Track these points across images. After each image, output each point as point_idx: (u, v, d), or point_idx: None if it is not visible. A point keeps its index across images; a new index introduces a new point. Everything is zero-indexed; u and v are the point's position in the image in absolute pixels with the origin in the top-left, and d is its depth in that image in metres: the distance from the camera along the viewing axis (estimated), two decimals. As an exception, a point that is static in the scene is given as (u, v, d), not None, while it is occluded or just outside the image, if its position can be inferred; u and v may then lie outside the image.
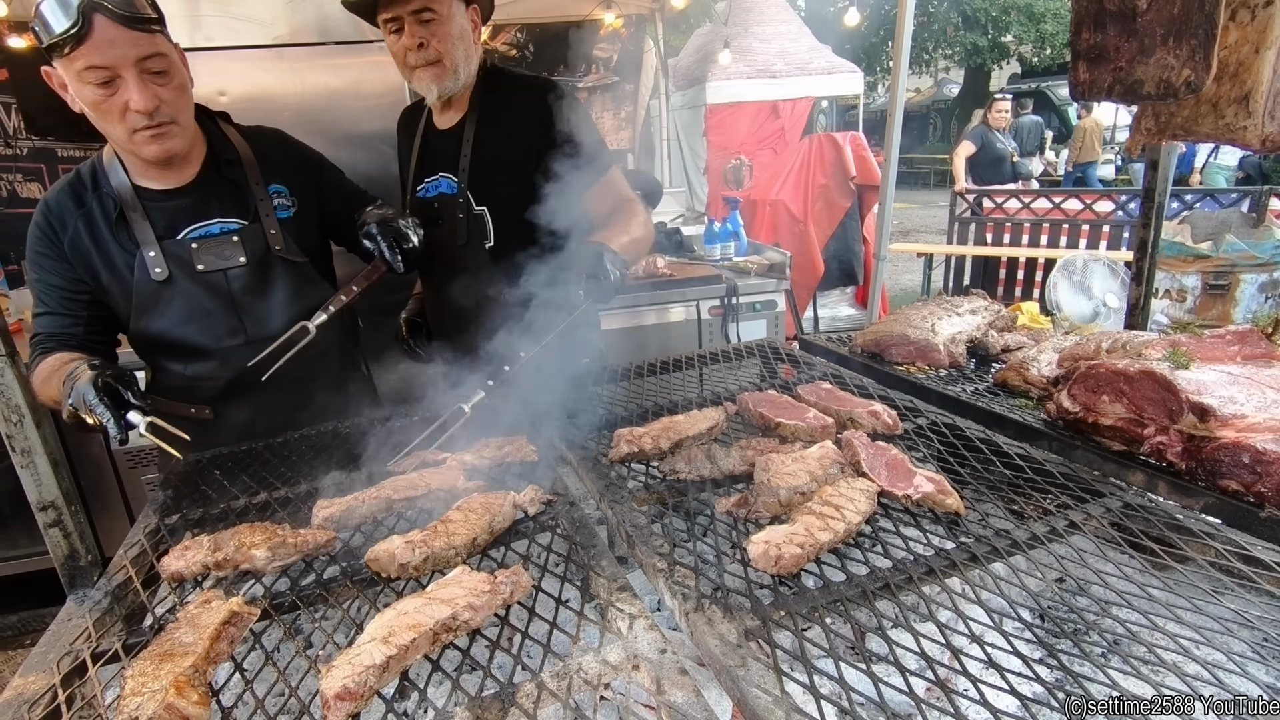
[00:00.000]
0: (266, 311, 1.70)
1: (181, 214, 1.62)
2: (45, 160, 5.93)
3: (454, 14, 1.80)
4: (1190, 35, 1.26)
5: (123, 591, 1.12)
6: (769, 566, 0.96)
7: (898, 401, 1.56)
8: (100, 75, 1.38)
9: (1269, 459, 1.06)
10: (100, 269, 1.59)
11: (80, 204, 1.58)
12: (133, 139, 1.46)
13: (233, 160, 1.68)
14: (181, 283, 1.61)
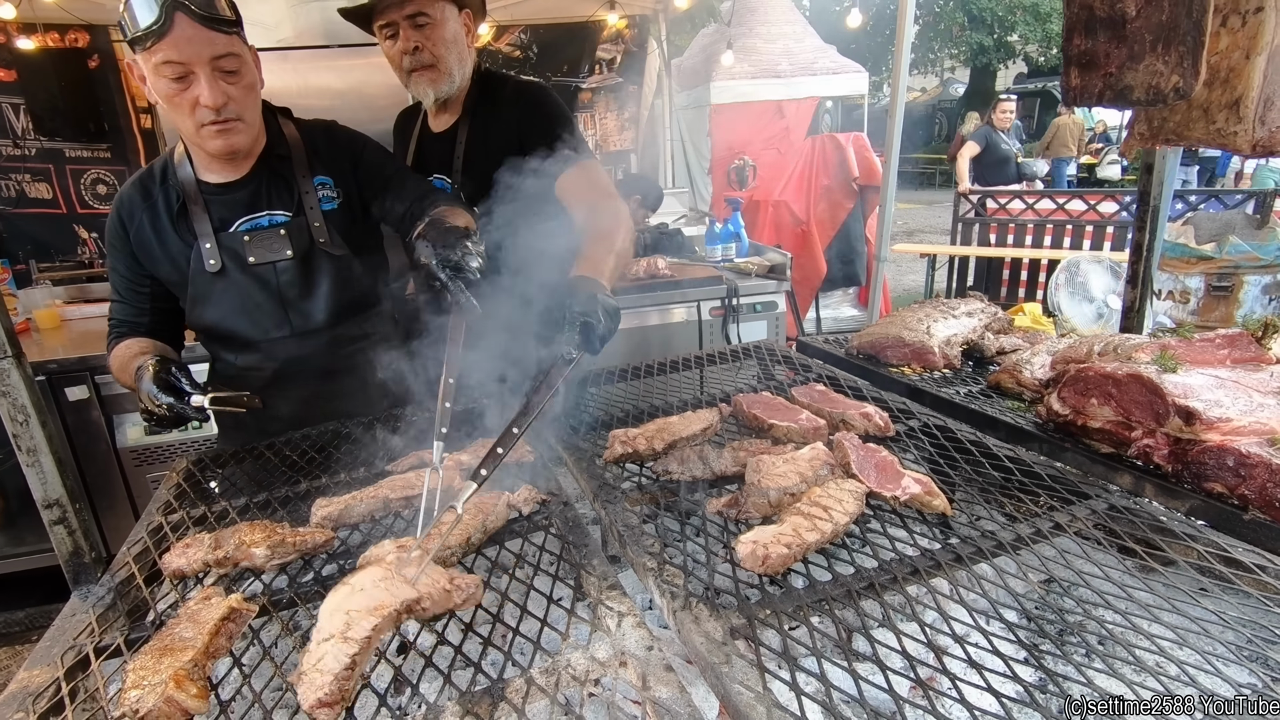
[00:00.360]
0: (311, 305, 1.76)
1: (236, 206, 1.69)
2: (53, 160, 6.00)
3: (447, 18, 1.85)
4: (1179, 42, 1.27)
5: (126, 588, 1.15)
6: (756, 566, 0.98)
7: (891, 403, 1.58)
8: (176, 70, 1.44)
9: (1253, 462, 1.07)
10: (161, 259, 1.68)
11: (147, 197, 1.68)
12: (199, 132, 1.53)
13: (283, 154, 1.74)
14: (234, 275, 1.69)
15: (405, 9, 1.78)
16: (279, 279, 1.71)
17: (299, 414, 1.81)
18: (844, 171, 6.21)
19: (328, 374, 1.80)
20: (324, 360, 1.80)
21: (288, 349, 1.76)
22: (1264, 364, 1.35)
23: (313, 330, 1.76)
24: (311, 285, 1.75)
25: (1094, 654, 0.83)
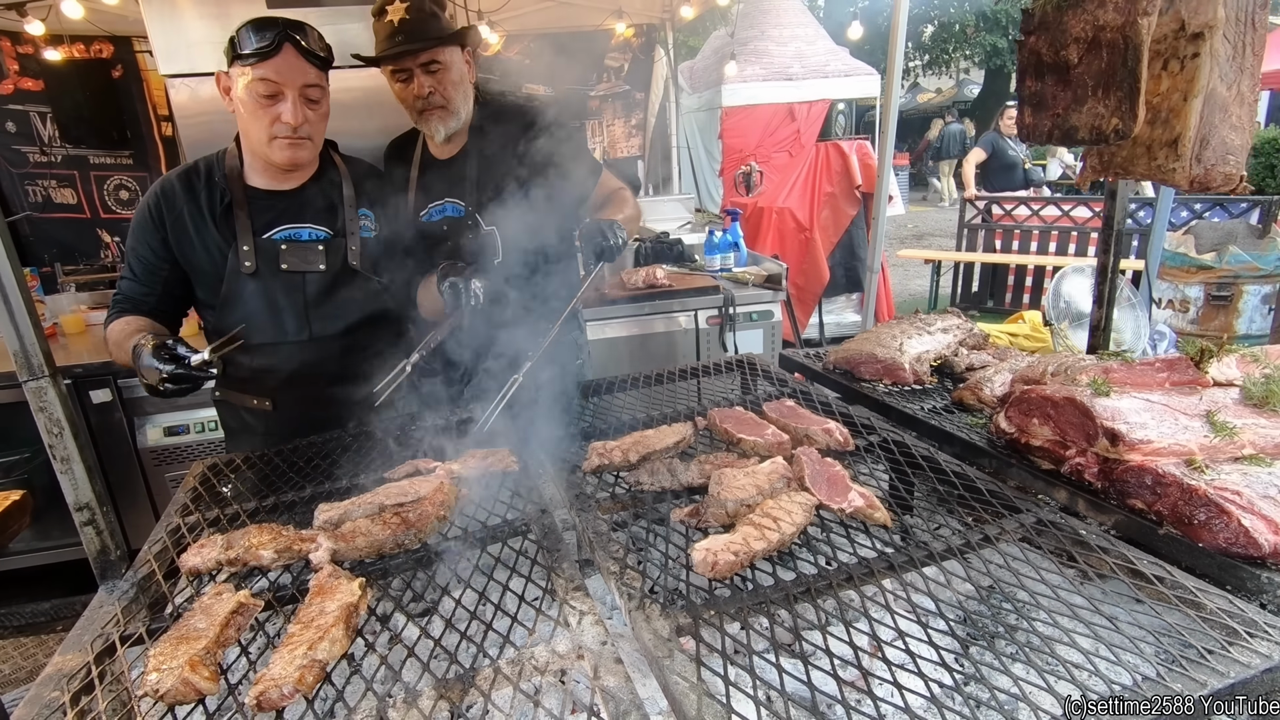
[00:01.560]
0: (333, 315, 1.91)
1: (280, 214, 1.85)
2: (78, 167, 6.21)
3: (455, 61, 1.99)
4: (1117, 88, 1.37)
5: (147, 583, 1.28)
6: (707, 571, 1.09)
7: (859, 418, 1.68)
8: (269, 88, 1.67)
9: (1167, 481, 1.17)
10: (197, 251, 1.81)
11: (190, 190, 1.82)
12: (271, 144, 1.73)
13: (336, 181, 1.93)
14: (265, 278, 1.83)
15: (419, 58, 1.93)
16: (306, 288, 1.87)
17: (303, 418, 1.93)
18: (847, 179, 6.29)
19: (337, 379, 1.92)
20: (335, 366, 1.93)
21: (304, 353, 1.89)
22: (1201, 387, 1.44)
23: (329, 337, 1.91)
24: (337, 298, 1.91)
25: (995, 649, 0.93)
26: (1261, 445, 1.25)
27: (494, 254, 2.09)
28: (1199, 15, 1.40)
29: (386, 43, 1.96)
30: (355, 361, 1.93)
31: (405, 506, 1.35)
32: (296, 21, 1.72)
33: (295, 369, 1.90)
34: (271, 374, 1.90)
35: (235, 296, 1.82)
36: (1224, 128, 1.43)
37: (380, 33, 1.99)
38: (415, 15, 1.93)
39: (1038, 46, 1.47)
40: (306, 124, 1.74)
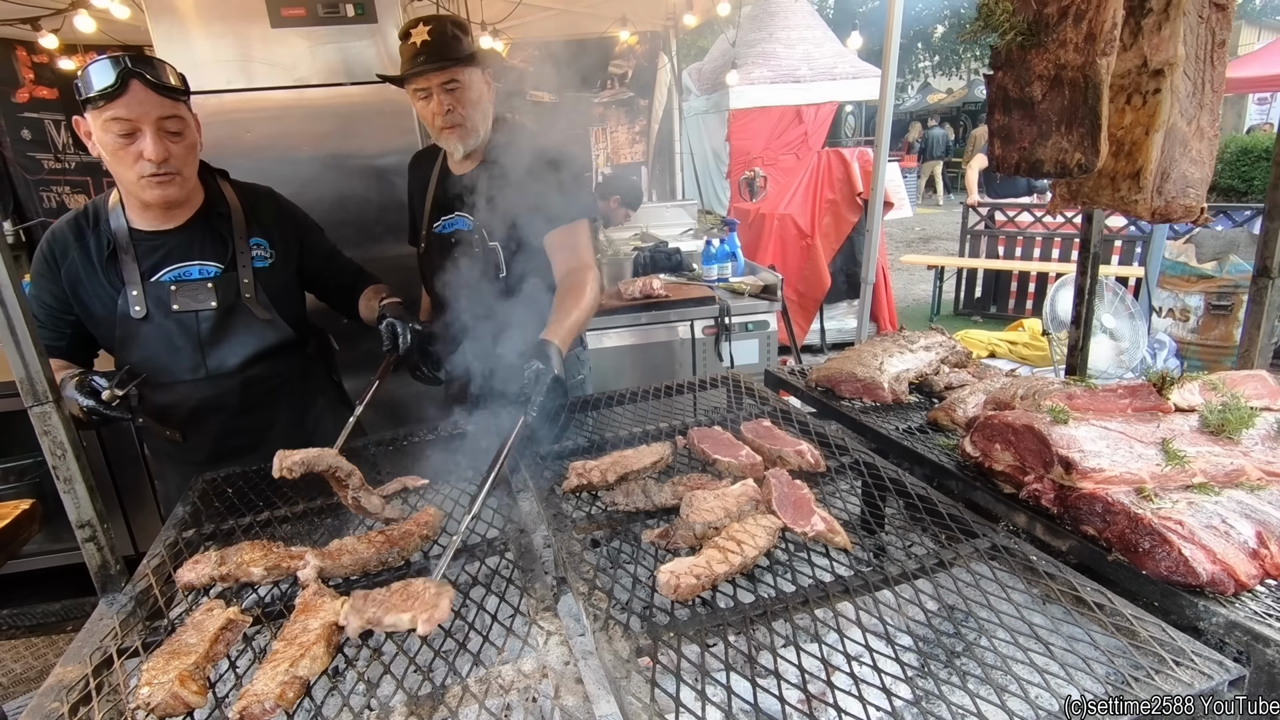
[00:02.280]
0: (228, 351, 1.92)
1: (167, 254, 1.84)
2: (91, 174, 6.34)
3: (474, 81, 2.08)
4: (1079, 124, 1.41)
5: (145, 596, 1.35)
6: (670, 594, 1.14)
7: (834, 438, 1.73)
8: (124, 126, 1.65)
9: (1115, 509, 1.21)
10: (89, 299, 1.82)
11: (80, 238, 1.81)
12: (139, 182, 1.71)
13: (223, 213, 1.92)
14: (157, 320, 1.83)
15: (440, 77, 2.02)
16: (200, 326, 1.86)
17: (216, 448, 1.98)
18: (849, 187, 6.32)
19: (239, 412, 1.97)
20: (235, 399, 1.96)
21: (202, 390, 1.90)
22: (1163, 413, 1.48)
23: (226, 374, 1.92)
24: (231, 334, 1.91)
25: (946, 665, 0.98)
26: (1212, 474, 1.29)
27: (498, 270, 2.19)
28: (1160, 53, 1.44)
29: (409, 63, 2.06)
30: (256, 394, 1.96)
31: (390, 525, 1.41)
32: (142, 57, 1.71)
33: (196, 405, 1.92)
34: (175, 409, 1.92)
35: (129, 340, 1.84)
36: (1184, 161, 1.47)
37: (405, 54, 2.08)
38: (437, 38, 2.02)
39: (1004, 82, 1.51)
40: (172, 159, 1.71)
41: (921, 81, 33.72)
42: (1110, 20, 1.32)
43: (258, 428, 2.01)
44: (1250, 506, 1.22)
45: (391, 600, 1.21)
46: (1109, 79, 1.37)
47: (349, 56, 3.09)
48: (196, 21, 2.93)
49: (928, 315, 8.22)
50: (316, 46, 3.05)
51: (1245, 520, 1.18)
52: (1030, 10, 1.41)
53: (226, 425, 1.97)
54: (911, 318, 8.18)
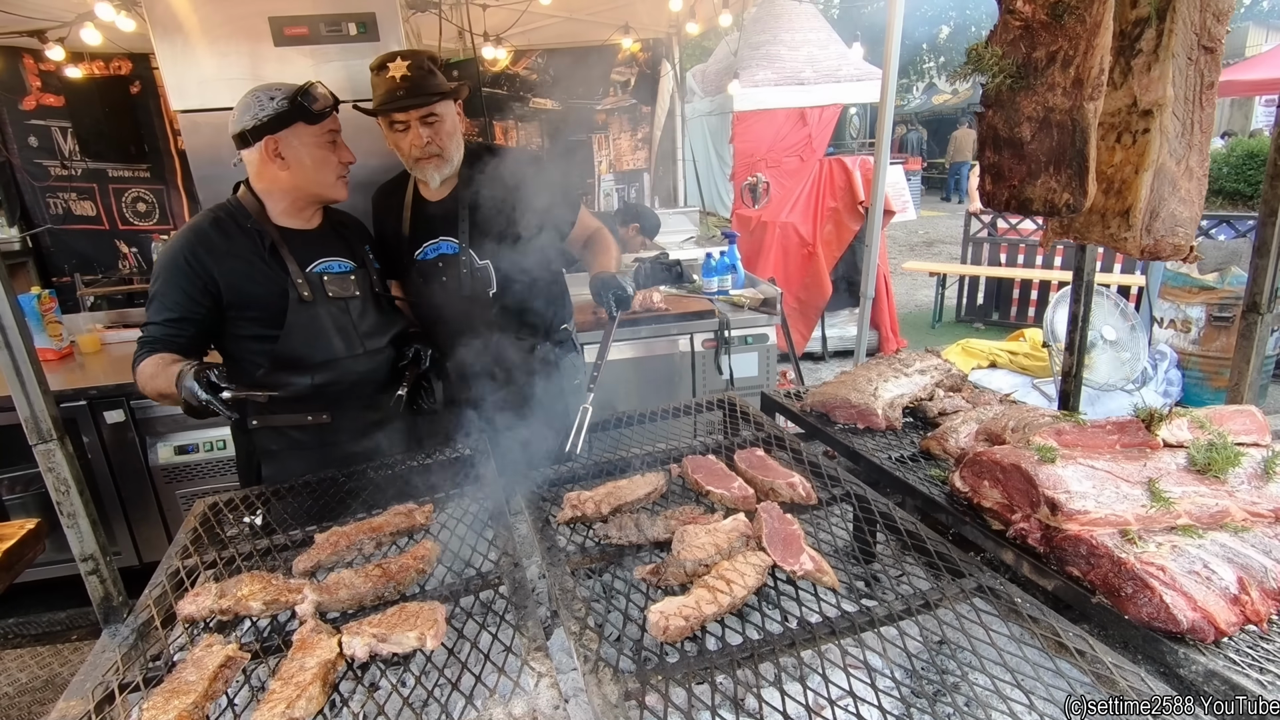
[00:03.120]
0: (374, 332, 2.16)
1: (311, 249, 2.09)
2: (97, 180, 6.39)
3: (449, 114, 2.14)
4: (1067, 166, 1.43)
5: (146, 629, 1.37)
6: (660, 635, 1.17)
7: (827, 468, 1.75)
8: (334, 136, 2.03)
9: (1100, 553, 1.23)
10: (254, 287, 1.99)
11: (227, 235, 1.99)
12: (335, 183, 2.05)
13: (335, 221, 2.20)
14: (320, 304, 2.05)
15: (419, 112, 2.08)
16: (351, 312, 2.11)
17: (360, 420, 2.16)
18: (850, 195, 6.33)
19: (383, 387, 2.17)
20: (382, 374, 2.18)
21: (357, 366, 2.11)
22: (1151, 449, 1.50)
23: (374, 351, 2.14)
24: (373, 318, 2.16)
25: (933, 701, 1.00)
26: (1197, 515, 1.31)
27: (488, 287, 2.25)
28: (1149, 93, 1.46)
29: (387, 96, 2.08)
30: (395, 369, 2.20)
31: (387, 559, 1.44)
32: None
33: (354, 381, 2.11)
34: (332, 387, 2.08)
35: (297, 323, 2.02)
36: (1173, 201, 1.49)
37: (380, 86, 2.11)
38: (415, 73, 2.07)
39: (994, 121, 1.53)
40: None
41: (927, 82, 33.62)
42: (1098, 66, 1.33)
43: (388, 405, 2.15)
44: (1233, 550, 1.23)
45: (390, 621, 1.24)
46: (1096, 123, 1.39)
47: (352, 74, 3.11)
48: (201, 40, 2.96)
49: (930, 322, 8.22)
50: (320, 64, 3.07)
51: (1227, 565, 1.19)
52: (1019, 53, 1.43)
53: (370, 400, 2.15)
54: (914, 324, 8.18)
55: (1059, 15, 1.34)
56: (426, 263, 2.29)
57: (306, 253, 2.06)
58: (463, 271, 2.23)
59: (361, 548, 1.54)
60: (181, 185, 6.44)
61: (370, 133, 3.26)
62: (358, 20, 3.05)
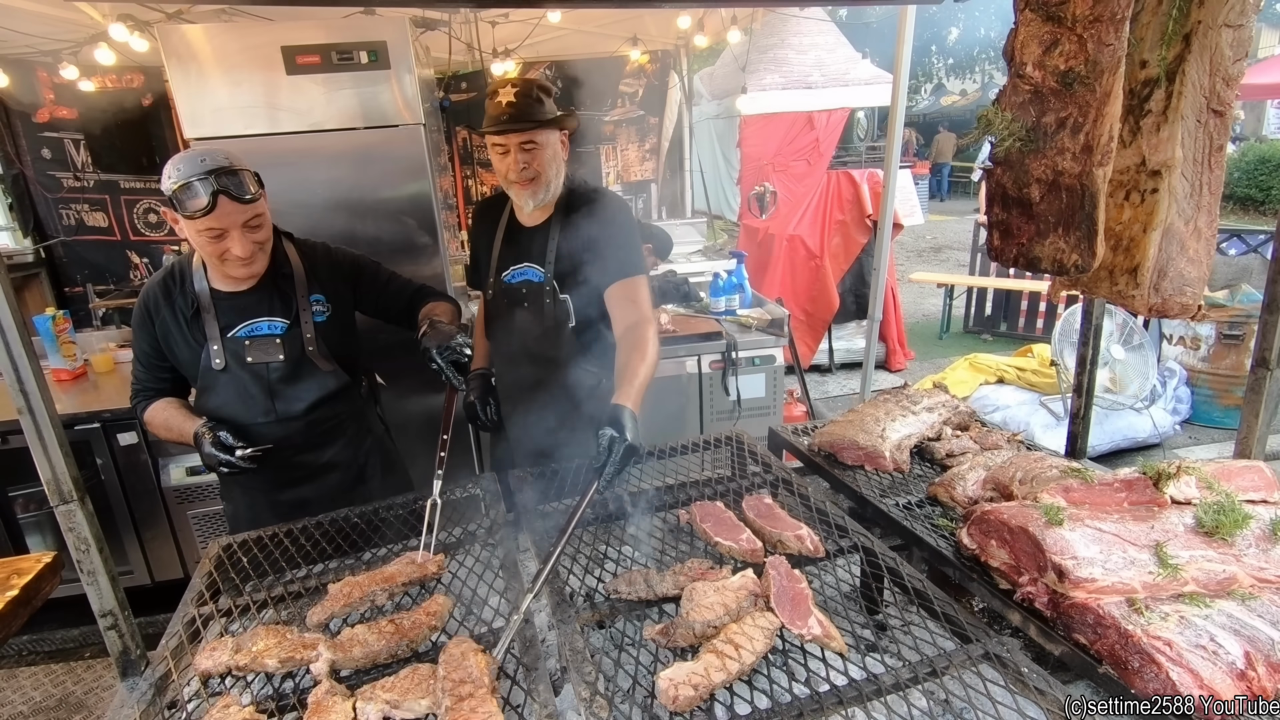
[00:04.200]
0: (295, 398, 2.13)
1: (241, 312, 2.07)
2: (109, 191, 6.44)
3: (550, 141, 2.18)
4: (1076, 227, 1.43)
5: (164, 683, 1.40)
6: (669, 704, 1.18)
7: (834, 517, 1.75)
8: (214, 233, 1.87)
9: (1106, 623, 1.24)
10: (177, 351, 2.08)
11: (168, 297, 2.06)
12: (225, 266, 1.97)
13: (286, 274, 2.13)
14: (234, 371, 2.06)
15: (519, 138, 2.12)
16: (270, 376, 2.09)
17: (280, 478, 2.19)
18: (858, 208, 6.33)
19: (302, 449, 2.19)
20: (299, 439, 2.17)
21: (272, 430, 2.11)
22: (1160, 507, 1.50)
23: (292, 418, 2.13)
24: (297, 383, 2.12)
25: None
26: (1204, 582, 1.32)
27: (568, 320, 2.30)
28: (1158, 153, 1.47)
29: (494, 121, 2.14)
30: (317, 434, 2.19)
31: (400, 615, 1.46)
32: (228, 170, 1.84)
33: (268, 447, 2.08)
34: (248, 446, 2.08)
35: (210, 388, 2.08)
36: (1181, 260, 1.49)
37: (491, 110, 2.16)
38: (522, 100, 2.11)
39: (1003, 180, 1.53)
40: (254, 248, 1.96)
41: (935, 83, 33.45)
42: (1107, 134, 1.34)
43: (317, 463, 2.22)
44: (1240, 621, 1.24)
45: (404, 687, 1.26)
46: (1106, 187, 1.39)
47: (363, 101, 3.15)
48: (215, 70, 2.99)
49: (937, 333, 8.20)
50: (331, 92, 3.11)
51: (1234, 638, 1.20)
52: (1029, 117, 1.44)
53: (290, 460, 2.18)
54: (921, 335, 8.17)
55: (1069, 83, 1.35)
56: (511, 286, 2.34)
57: (234, 316, 2.06)
58: (545, 301, 2.28)
59: (374, 599, 1.56)
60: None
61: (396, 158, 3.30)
62: (369, 49, 3.08)
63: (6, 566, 2.12)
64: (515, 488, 2.03)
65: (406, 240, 3.34)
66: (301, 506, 2.08)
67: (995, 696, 1.18)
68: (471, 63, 6.28)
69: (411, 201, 3.32)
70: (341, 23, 3.07)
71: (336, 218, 3.19)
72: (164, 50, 2.95)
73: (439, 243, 3.41)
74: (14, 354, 1.23)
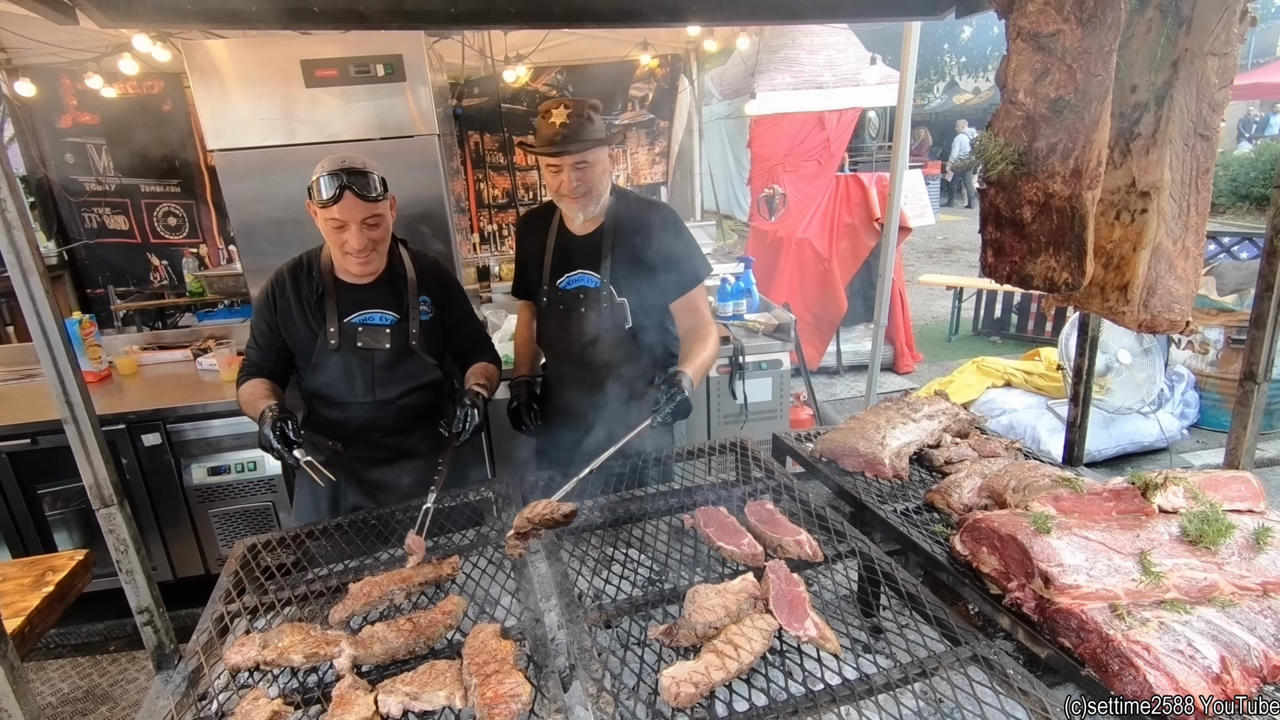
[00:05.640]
0: (392, 383, 2.34)
1: (359, 302, 2.29)
2: (130, 195, 6.58)
3: (601, 158, 2.28)
4: (1066, 247, 1.49)
5: (196, 676, 1.48)
6: (671, 700, 1.25)
7: (833, 522, 1.82)
8: (337, 224, 2.11)
9: (1089, 628, 1.30)
10: (295, 331, 2.29)
11: (296, 283, 2.29)
12: (345, 259, 2.19)
13: (401, 274, 2.35)
14: (345, 352, 2.27)
15: (574, 158, 2.22)
16: (374, 361, 2.30)
17: (369, 456, 2.39)
18: (866, 211, 6.37)
19: (390, 432, 2.39)
20: (391, 422, 2.38)
21: (367, 411, 2.33)
22: (1147, 516, 1.56)
23: (387, 400, 2.33)
24: (396, 370, 2.33)
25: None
26: (1186, 589, 1.37)
27: (625, 322, 2.42)
28: (1147, 175, 1.52)
29: (548, 141, 2.22)
30: (405, 419, 2.39)
31: (417, 613, 1.54)
32: (357, 171, 2.11)
33: (361, 423, 2.35)
34: (343, 424, 2.35)
35: (321, 365, 2.29)
36: (1169, 278, 1.55)
37: (543, 130, 2.25)
38: (574, 120, 2.20)
39: (997, 201, 1.59)
40: (370, 245, 2.17)
41: (948, 81, 33.24)
42: (1095, 159, 1.40)
43: (400, 446, 2.41)
44: (1218, 627, 1.30)
45: (422, 680, 1.34)
46: (1095, 210, 1.45)
47: (380, 113, 3.23)
48: (237, 83, 3.09)
49: (946, 335, 8.22)
50: (349, 104, 3.19)
51: (1211, 643, 1.26)
52: (1021, 142, 1.49)
53: (379, 441, 2.38)
54: (930, 337, 8.19)
55: (1059, 110, 1.41)
56: (568, 292, 2.44)
57: (352, 305, 2.28)
58: (603, 305, 2.38)
59: (392, 598, 1.64)
60: (211, 200, 6.61)
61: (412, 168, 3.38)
62: (385, 62, 3.17)
63: (41, 564, 2.22)
64: (527, 492, 2.11)
65: (421, 246, 3.39)
66: (379, 489, 2.36)
67: (981, 697, 1.25)
68: (483, 68, 6.36)
69: (426, 209, 3.40)
70: (359, 36, 3.15)
71: (354, 226, 3.27)
72: (188, 64, 3.04)
73: (452, 248, 3.50)
74: (60, 367, 1.31)
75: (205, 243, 6.71)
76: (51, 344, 1.29)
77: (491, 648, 1.37)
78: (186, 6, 1.76)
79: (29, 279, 1.25)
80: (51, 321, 1.29)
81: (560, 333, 2.48)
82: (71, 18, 1.72)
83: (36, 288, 1.26)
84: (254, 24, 1.88)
